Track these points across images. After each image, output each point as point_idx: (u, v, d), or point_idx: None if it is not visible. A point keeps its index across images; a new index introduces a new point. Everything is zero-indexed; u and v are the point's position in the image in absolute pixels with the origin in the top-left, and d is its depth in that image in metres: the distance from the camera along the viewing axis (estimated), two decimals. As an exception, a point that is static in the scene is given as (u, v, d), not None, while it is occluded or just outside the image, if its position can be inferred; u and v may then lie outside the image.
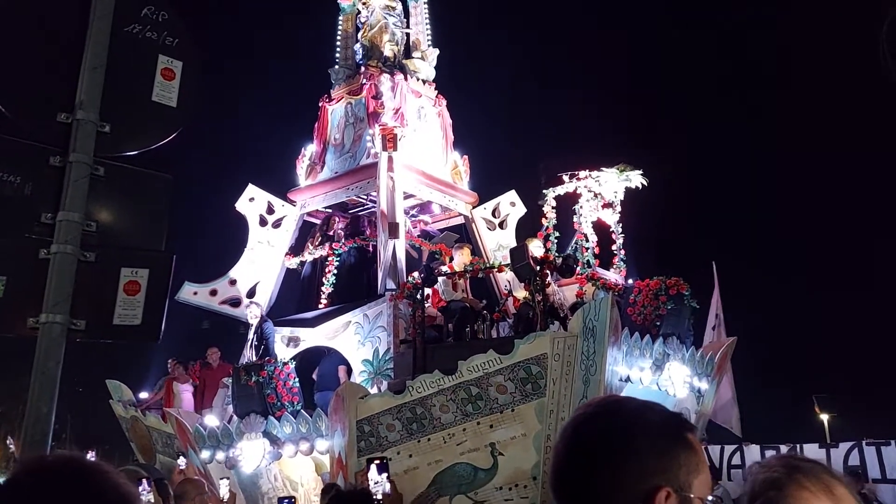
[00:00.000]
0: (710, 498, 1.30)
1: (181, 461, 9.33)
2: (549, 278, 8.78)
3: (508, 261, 9.88)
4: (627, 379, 8.78)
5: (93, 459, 1.52)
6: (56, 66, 3.08)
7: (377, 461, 3.85)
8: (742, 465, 10.88)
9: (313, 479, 10.50)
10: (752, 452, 11.81)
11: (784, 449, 12.43)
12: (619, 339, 8.53)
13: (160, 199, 3.26)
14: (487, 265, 10.10)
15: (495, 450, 8.68)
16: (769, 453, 11.66)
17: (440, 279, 9.59)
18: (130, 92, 3.17)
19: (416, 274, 9.80)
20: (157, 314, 3.07)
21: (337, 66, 13.01)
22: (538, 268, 8.52)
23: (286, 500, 4.98)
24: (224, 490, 6.04)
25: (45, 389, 2.79)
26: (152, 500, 5.08)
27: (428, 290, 9.74)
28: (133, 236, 3.16)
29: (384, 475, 3.80)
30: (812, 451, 10.25)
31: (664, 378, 9.19)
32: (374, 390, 9.84)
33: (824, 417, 22.81)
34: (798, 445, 11.83)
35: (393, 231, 9.78)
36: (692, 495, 1.28)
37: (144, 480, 5.16)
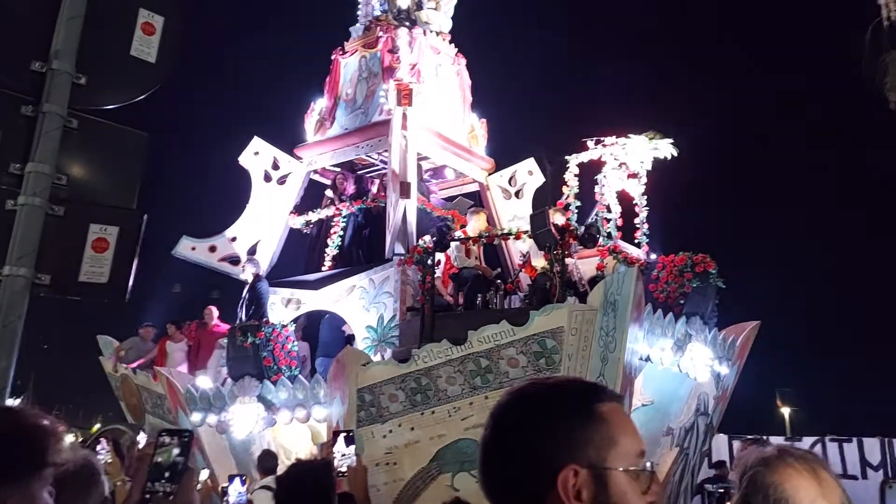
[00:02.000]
0: (645, 465, 1.26)
1: (140, 437, 8.78)
2: (569, 248, 8.20)
3: (525, 228, 9.34)
4: (648, 359, 8.25)
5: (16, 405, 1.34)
6: (32, 13, 3.02)
7: (344, 433, 3.72)
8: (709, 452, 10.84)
9: (309, 448, 10.01)
10: (720, 441, 11.66)
11: (738, 443, 12.23)
12: (642, 316, 7.98)
13: (135, 157, 3.22)
14: (504, 231, 9.50)
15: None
16: (736, 444, 12.03)
17: (453, 244, 9.02)
18: (108, 45, 3.12)
19: (427, 238, 9.23)
20: (124, 273, 3.04)
21: (358, 24, 12.32)
22: (559, 236, 7.94)
23: (237, 477, 4.57)
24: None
25: (4, 343, 2.74)
26: (109, 461, 4.69)
27: (439, 256, 9.17)
28: (104, 193, 3.12)
29: (351, 448, 3.67)
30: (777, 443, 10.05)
31: (686, 360, 8.64)
32: (377, 358, 9.33)
33: (786, 411, 22.60)
34: (764, 437, 11.71)
35: (404, 191, 9.19)
36: (608, 467, 1.24)
37: (103, 440, 4.78)
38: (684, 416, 9.65)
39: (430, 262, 8.79)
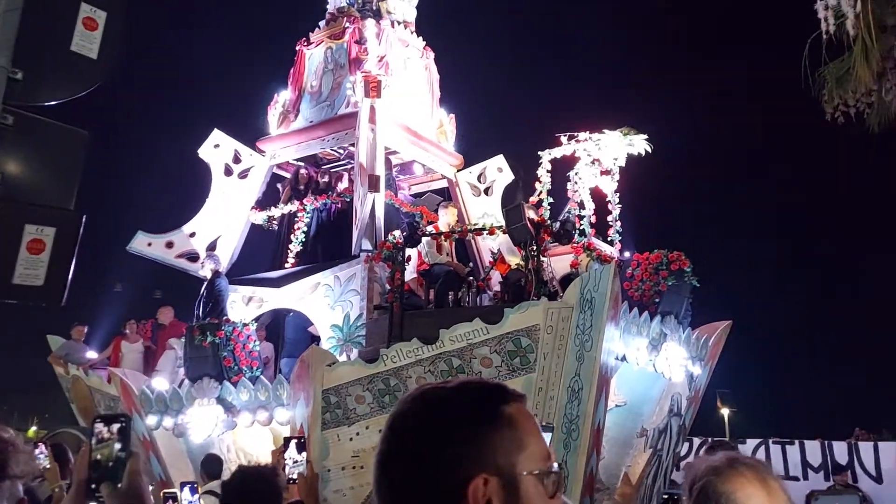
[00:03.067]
0: (544, 469, 1.20)
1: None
2: (544, 244, 7.97)
3: (497, 224, 9.09)
4: (623, 358, 8.05)
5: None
6: (-34, 4, 2.85)
7: (296, 439, 3.71)
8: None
9: (271, 452, 9.60)
10: None
11: (697, 441, 12.40)
12: (619, 314, 7.78)
13: (74, 155, 3.08)
14: (478, 226, 9.23)
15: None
16: (684, 446, 12.05)
17: (424, 240, 8.72)
18: (47, 39, 3.00)
19: (396, 233, 8.91)
20: (61, 276, 2.91)
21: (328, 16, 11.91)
22: (535, 231, 7.70)
23: (187, 485, 4.30)
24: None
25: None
26: (47, 466, 4.36)
27: (410, 252, 8.87)
28: (41, 192, 3.00)
29: (303, 454, 3.67)
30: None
31: (661, 360, 8.47)
32: (342, 358, 8.98)
33: (725, 412, 22.87)
34: (709, 439, 12.11)
35: (373, 184, 8.85)
36: (518, 472, 1.18)
37: (41, 444, 4.42)
38: (657, 416, 9.50)
39: (399, 257, 8.47)
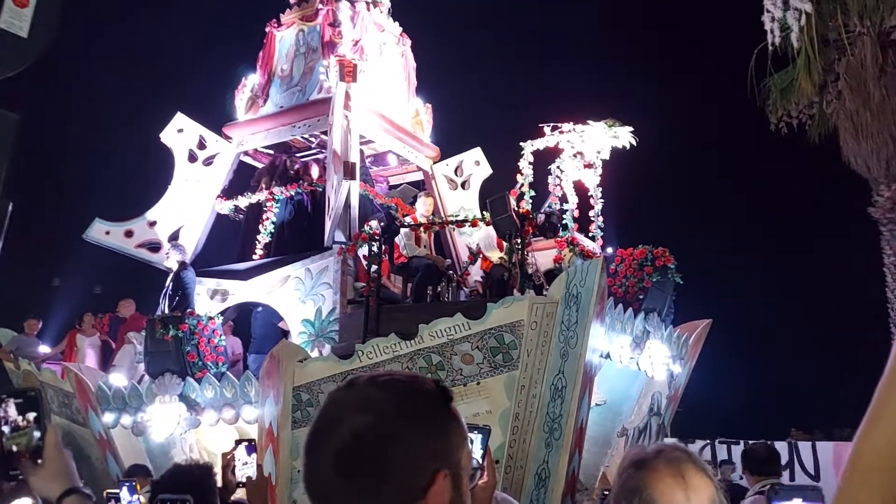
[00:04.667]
0: (473, 466, 1.27)
1: None
2: (529, 237, 7.68)
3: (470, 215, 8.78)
4: (607, 356, 7.80)
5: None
6: None
7: (246, 442, 3.65)
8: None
9: (221, 454, 9.14)
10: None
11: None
12: (604, 310, 7.53)
13: (2, 141, 2.80)
14: (459, 217, 8.90)
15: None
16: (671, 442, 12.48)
17: (402, 231, 8.35)
18: None
19: (373, 223, 8.53)
20: None
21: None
22: (520, 223, 7.40)
23: (125, 484, 4.02)
24: None
25: None
26: None
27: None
28: None
29: (252, 456, 3.59)
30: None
31: (644, 358, 8.26)
32: (314, 354, 8.58)
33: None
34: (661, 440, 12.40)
35: (348, 171, 8.45)
36: (463, 467, 1.19)
37: None
38: (636, 416, 9.31)
39: (376, 249, 8.10)
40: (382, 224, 8.19)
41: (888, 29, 14.26)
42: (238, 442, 3.62)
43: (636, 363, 8.21)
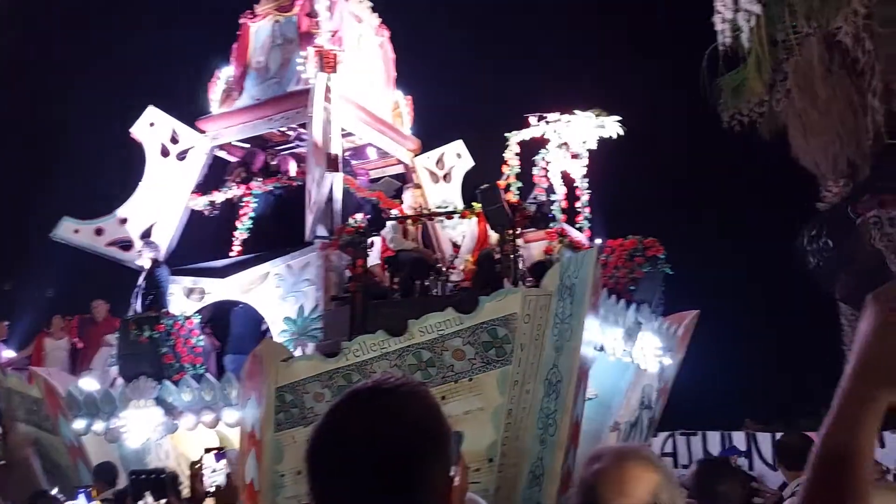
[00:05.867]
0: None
1: None
2: (520, 228, 7.48)
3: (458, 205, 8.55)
4: (602, 348, 7.62)
5: None
6: None
7: (214, 450, 3.57)
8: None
9: (189, 463, 8.80)
10: None
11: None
12: (599, 302, 7.35)
13: None
14: (448, 209, 8.65)
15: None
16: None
17: (389, 224, 8.09)
18: None
19: (359, 216, 8.24)
20: None
21: None
22: (512, 213, 7.18)
23: (82, 492, 4.00)
24: None
25: None
26: None
27: (372, 238, 8.22)
28: None
29: (222, 462, 3.52)
30: None
31: (637, 350, 8.10)
32: (297, 353, 8.28)
33: None
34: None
35: (332, 163, 8.15)
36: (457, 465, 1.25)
37: None
38: (625, 409, 9.15)
39: (362, 243, 7.82)
40: (369, 217, 7.90)
41: (833, 30, 14.54)
42: (207, 450, 3.56)
43: (629, 356, 8.05)
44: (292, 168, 10.25)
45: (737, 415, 15.51)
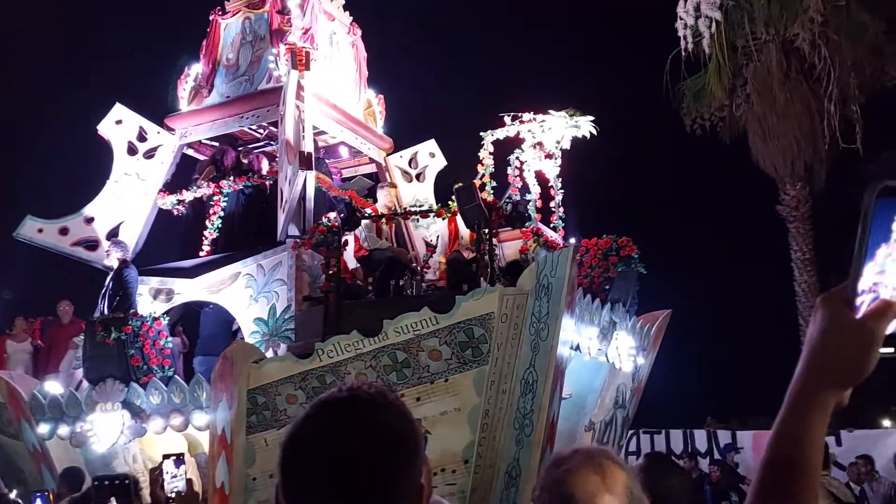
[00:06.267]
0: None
1: None
2: (495, 227, 7.43)
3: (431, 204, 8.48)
4: (577, 348, 7.61)
5: None
6: None
7: (174, 456, 3.59)
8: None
9: (149, 470, 8.63)
10: None
11: None
12: (575, 301, 7.33)
13: None
14: (423, 208, 8.57)
15: (421, 427, 7.20)
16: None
17: (363, 223, 7.99)
18: None
19: (332, 215, 8.13)
20: None
21: None
22: (488, 212, 7.13)
23: (38, 496, 4.01)
24: None
25: None
26: None
27: (346, 236, 8.11)
28: None
29: (181, 468, 3.51)
30: None
31: (612, 349, 8.10)
32: (269, 354, 8.14)
33: None
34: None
35: (305, 161, 8.03)
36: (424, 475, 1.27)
37: None
38: (599, 409, 9.15)
39: (335, 242, 7.70)
40: (343, 216, 7.79)
41: (791, 37, 14.86)
42: (166, 456, 3.55)
43: (605, 355, 8.04)
44: (265, 166, 10.10)
45: (698, 414, 15.84)
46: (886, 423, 17.55)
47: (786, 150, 15.14)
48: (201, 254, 9.89)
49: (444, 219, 8.48)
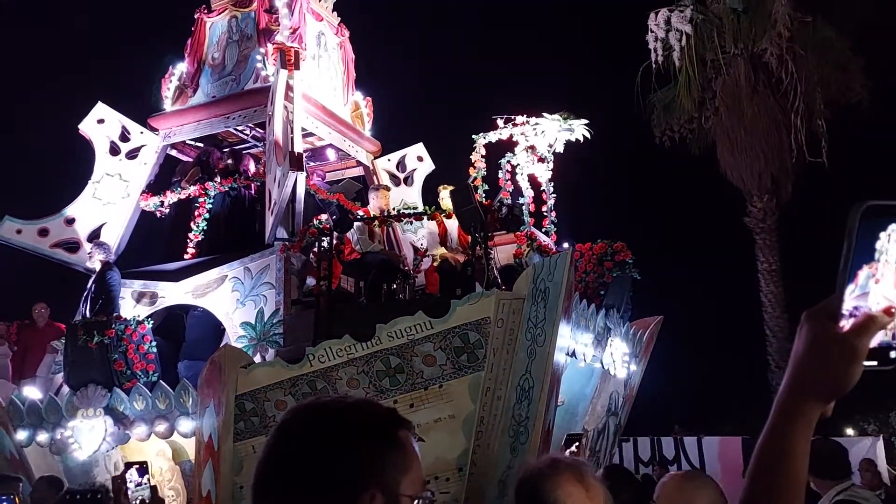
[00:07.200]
0: (426, 494, 1.27)
1: None
2: (492, 230, 7.32)
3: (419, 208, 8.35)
4: (573, 354, 7.51)
5: None
6: None
7: (136, 464, 3.61)
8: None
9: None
10: None
11: None
12: (572, 306, 7.23)
13: None
14: (417, 210, 8.43)
15: (414, 434, 7.06)
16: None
17: (355, 226, 7.83)
18: None
19: (323, 217, 7.96)
20: None
21: None
22: (484, 215, 7.02)
23: (3, 499, 3.95)
24: None
25: None
26: None
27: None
28: None
29: (145, 477, 3.55)
30: None
31: (607, 356, 8.02)
32: (257, 359, 7.95)
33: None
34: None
35: (296, 162, 7.85)
36: (401, 493, 1.23)
37: None
38: (591, 416, 9.07)
39: (327, 244, 7.54)
40: (334, 218, 7.63)
41: (759, 51, 15.08)
42: (129, 465, 3.56)
43: (599, 361, 7.96)
44: (252, 167, 9.91)
45: (665, 422, 16.06)
46: (850, 431, 17.83)
47: (753, 163, 15.37)
48: (186, 256, 9.67)
49: (438, 219, 8.34)
